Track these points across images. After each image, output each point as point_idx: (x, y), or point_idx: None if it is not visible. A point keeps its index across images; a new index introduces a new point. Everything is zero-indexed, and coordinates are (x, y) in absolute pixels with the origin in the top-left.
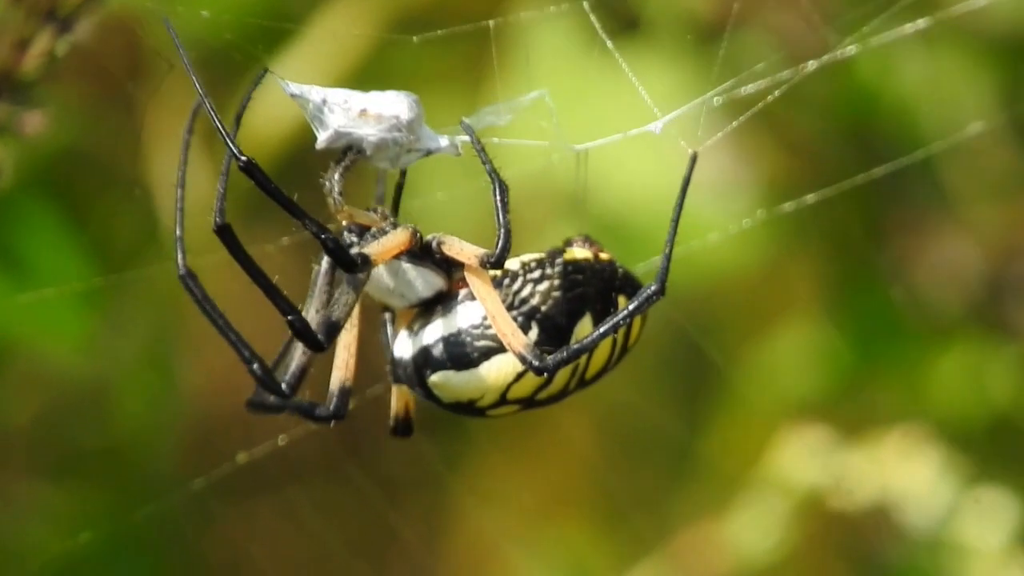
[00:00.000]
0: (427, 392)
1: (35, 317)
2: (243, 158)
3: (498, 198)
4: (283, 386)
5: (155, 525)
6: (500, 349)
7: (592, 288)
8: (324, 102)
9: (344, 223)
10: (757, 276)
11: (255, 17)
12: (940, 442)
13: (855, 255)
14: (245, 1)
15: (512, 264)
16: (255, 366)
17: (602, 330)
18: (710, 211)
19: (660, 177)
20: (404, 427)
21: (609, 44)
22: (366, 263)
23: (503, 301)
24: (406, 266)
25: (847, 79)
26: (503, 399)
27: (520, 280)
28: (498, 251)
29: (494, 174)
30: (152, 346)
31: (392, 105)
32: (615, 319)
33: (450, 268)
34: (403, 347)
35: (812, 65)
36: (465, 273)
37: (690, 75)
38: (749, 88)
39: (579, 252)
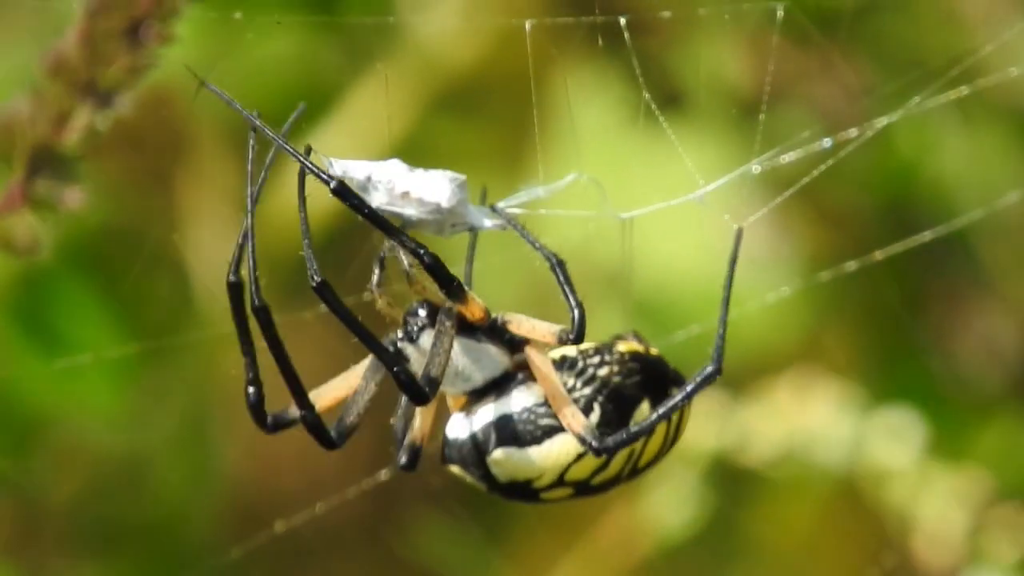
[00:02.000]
0: (484, 471)
1: (72, 391)
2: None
3: (559, 275)
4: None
5: None
6: (562, 428)
7: (648, 377)
8: (368, 179)
9: (416, 298)
10: (795, 347)
11: (291, 89)
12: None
13: (893, 327)
14: (280, 74)
15: (570, 351)
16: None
17: (661, 411)
18: (748, 282)
19: (701, 248)
20: (413, 459)
21: (657, 113)
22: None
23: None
24: (472, 345)
25: (885, 152)
26: (560, 480)
27: (580, 365)
28: (576, 327)
29: (545, 252)
30: (189, 418)
31: (435, 190)
32: (675, 400)
33: (513, 348)
34: (459, 427)
35: (853, 133)
36: (528, 354)
37: (732, 148)
38: (790, 156)
39: (631, 345)
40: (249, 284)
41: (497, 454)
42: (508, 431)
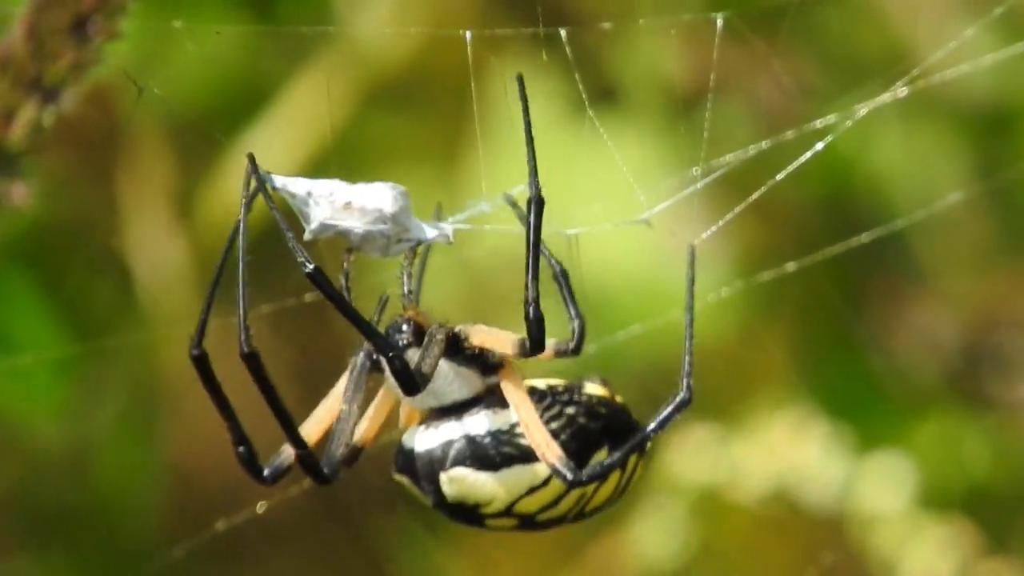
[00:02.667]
0: (435, 487)
1: (11, 386)
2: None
3: (562, 285)
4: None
5: None
6: (521, 459)
7: (612, 424)
8: (309, 195)
9: (408, 319)
10: (734, 344)
11: (231, 88)
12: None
13: (832, 324)
14: (219, 74)
15: (538, 383)
16: (241, 449)
17: (632, 442)
18: (676, 275)
19: (640, 247)
20: (350, 461)
21: (591, 115)
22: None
23: None
24: (450, 365)
25: (824, 149)
26: (508, 510)
27: (548, 400)
28: (576, 337)
29: (552, 261)
30: (130, 414)
31: (376, 198)
32: (648, 429)
33: (484, 369)
34: (418, 440)
35: (789, 135)
36: (503, 380)
37: (668, 143)
38: (728, 157)
39: (599, 389)
40: (238, 330)
41: (454, 472)
42: (469, 452)
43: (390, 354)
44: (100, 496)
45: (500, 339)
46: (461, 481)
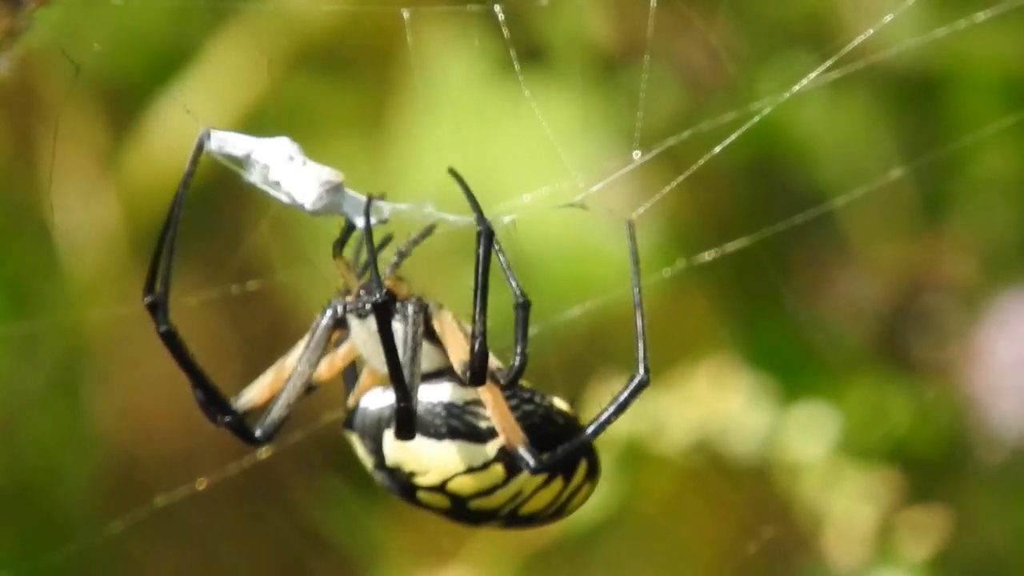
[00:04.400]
0: (377, 447)
1: None
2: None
3: (520, 316)
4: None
5: (72, 566)
6: (467, 436)
7: (569, 434)
8: (248, 156)
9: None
10: (661, 313)
11: (158, 53)
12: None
13: (761, 290)
14: (141, 32)
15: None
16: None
17: (595, 426)
18: (613, 247)
19: (574, 225)
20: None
21: (525, 90)
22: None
23: None
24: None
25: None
26: (441, 487)
27: (509, 392)
28: (514, 373)
29: (517, 289)
30: (58, 381)
31: (303, 191)
32: (608, 411)
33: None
34: (374, 400)
35: (729, 116)
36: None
37: (596, 104)
38: (671, 141)
39: (563, 404)
40: (157, 305)
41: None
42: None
43: (401, 405)
44: (29, 467)
45: (453, 343)
46: (403, 443)
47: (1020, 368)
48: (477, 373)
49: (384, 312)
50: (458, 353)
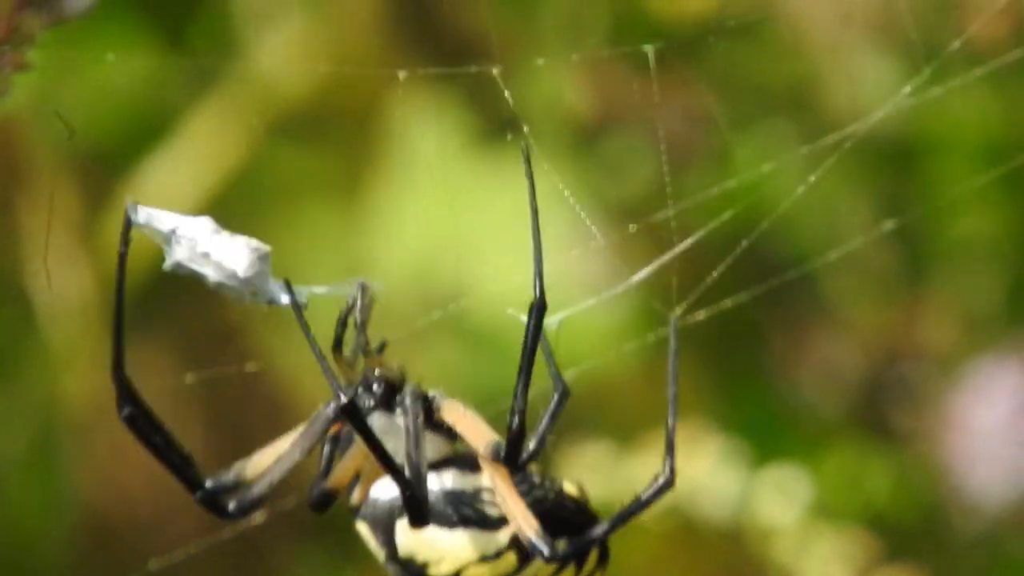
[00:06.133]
0: (389, 538)
1: None
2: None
3: (557, 408)
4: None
5: None
6: (479, 524)
7: (577, 519)
8: (173, 232)
9: (380, 375)
10: (637, 374)
11: (135, 119)
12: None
13: (737, 355)
14: (123, 105)
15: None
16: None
17: (615, 520)
18: (594, 317)
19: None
20: (325, 503)
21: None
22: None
23: None
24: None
25: (733, 187)
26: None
27: (518, 476)
28: (509, 445)
29: (559, 379)
30: (36, 445)
31: (234, 258)
32: (630, 508)
33: (452, 435)
34: (383, 489)
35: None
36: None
37: (574, 174)
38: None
39: (572, 488)
40: (116, 385)
41: (406, 522)
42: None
43: (407, 493)
44: (7, 532)
45: (473, 430)
46: (413, 534)
47: (998, 435)
48: (511, 456)
49: (355, 411)
50: (480, 437)
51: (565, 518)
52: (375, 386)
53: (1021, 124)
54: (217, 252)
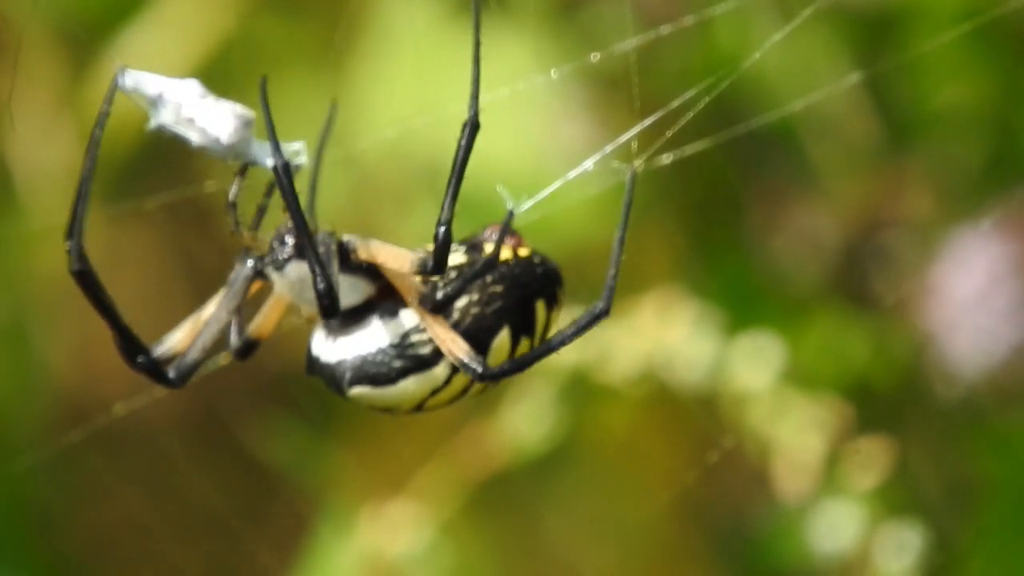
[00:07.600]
0: (344, 395)
1: None
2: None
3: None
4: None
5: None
6: (416, 368)
7: (511, 300)
8: (160, 96)
9: (284, 227)
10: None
11: None
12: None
13: (715, 224)
14: None
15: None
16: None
17: (541, 350)
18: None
19: (520, 144)
20: (248, 350)
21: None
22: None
23: None
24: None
25: (706, 45)
26: (420, 407)
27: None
28: (436, 254)
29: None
30: (8, 318)
31: (219, 124)
32: (561, 338)
33: (375, 273)
34: (322, 348)
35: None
36: (392, 279)
37: (552, 42)
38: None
39: (505, 251)
40: (70, 243)
41: (354, 391)
42: (363, 373)
43: (321, 287)
44: None
45: (393, 256)
46: (363, 397)
47: (977, 304)
48: (439, 263)
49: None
50: (402, 258)
51: (499, 309)
52: (287, 236)
53: None
54: (203, 118)
